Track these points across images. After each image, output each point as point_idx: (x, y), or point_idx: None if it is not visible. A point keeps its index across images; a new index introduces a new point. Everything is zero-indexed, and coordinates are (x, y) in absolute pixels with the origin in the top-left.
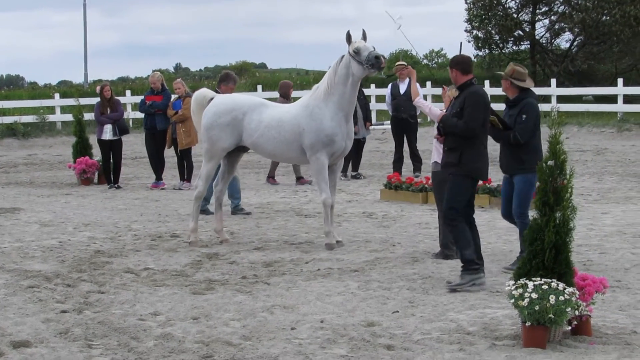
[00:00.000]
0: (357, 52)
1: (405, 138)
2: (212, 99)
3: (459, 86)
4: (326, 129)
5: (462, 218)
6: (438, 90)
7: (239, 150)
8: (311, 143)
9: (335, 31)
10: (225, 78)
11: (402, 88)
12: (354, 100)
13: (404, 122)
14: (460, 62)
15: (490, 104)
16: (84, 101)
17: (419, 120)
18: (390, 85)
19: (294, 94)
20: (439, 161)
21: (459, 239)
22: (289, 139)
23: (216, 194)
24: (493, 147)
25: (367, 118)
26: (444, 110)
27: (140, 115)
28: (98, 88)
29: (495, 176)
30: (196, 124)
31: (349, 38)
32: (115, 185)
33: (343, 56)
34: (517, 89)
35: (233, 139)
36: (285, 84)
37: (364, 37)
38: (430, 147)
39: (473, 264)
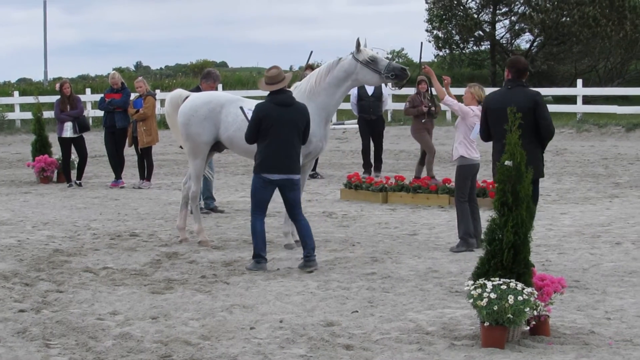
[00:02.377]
0: (373, 61)
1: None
2: (187, 97)
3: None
4: None
5: None
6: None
7: (212, 149)
8: None
9: (297, 30)
10: (207, 75)
11: (370, 89)
12: (340, 103)
13: (373, 123)
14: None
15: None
16: (44, 99)
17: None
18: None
19: (257, 92)
20: (466, 155)
21: None
22: None
23: (184, 191)
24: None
25: None
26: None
27: (100, 113)
28: (57, 85)
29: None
30: (172, 126)
31: (358, 45)
32: (78, 182)
33: (340, 59)
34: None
35: (212, 132)
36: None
37: (365, 46)
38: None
39: None
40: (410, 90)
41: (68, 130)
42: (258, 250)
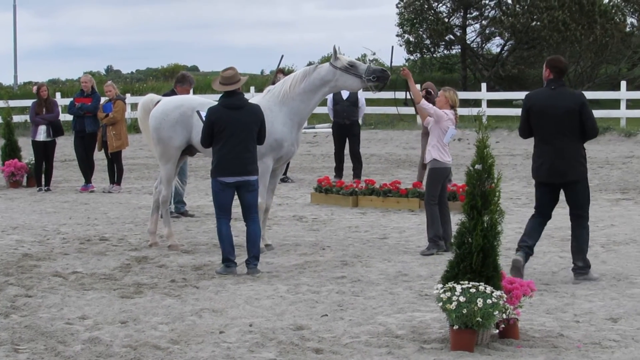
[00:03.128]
0: (353, 66)
1: (347, 143)
2: (158, 102)
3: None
4: (276, 132)
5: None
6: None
7: (184, 153)
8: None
9: (269, 34)
10: (182, 79)
11: (345, 94)
12: (314, 109)
13: (347, 127)
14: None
15: None
16: (14, 103)
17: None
18: None
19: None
20: (439, 159)
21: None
22: None
23: (155, 195)
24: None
25: None
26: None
27: (70, 117)
28: (35, 88)
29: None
30: (144, 131)
31: (335, 53)
32: (46, 188)
33: (317, 66)
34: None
35: (184, 136)
36: None
37: (341, 53)
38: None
39: None
40: (389, 94)
41: (42, 134)
42: (226, 254)
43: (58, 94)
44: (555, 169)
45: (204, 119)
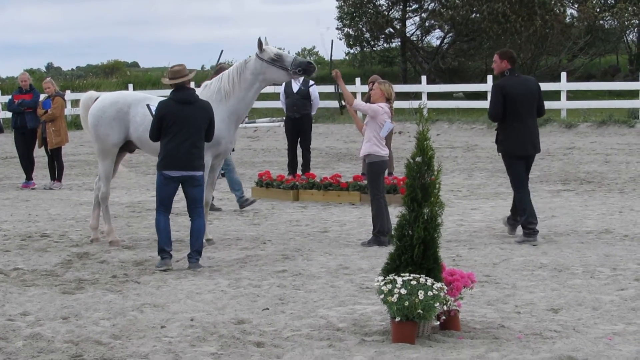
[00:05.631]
0: (279, 58)
1: (299, 138)
2: (97, 98)
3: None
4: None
5: None
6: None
7: (123, 149)
8: None
9: (210, 29)
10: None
11: (295, 87)
12: (251, 105)
13: (297, 121)
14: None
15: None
16: None
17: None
18: (283, 84)
19: (169, 91)
20: (376, 153)
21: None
22: None
23: (95, 191)
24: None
25: None
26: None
27: (9, 114)
28: None
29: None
30: (85, 128)
31: (260, 44)
32: None
33: (247, 61)
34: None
35: (121, 133)
36: None
37: (266, 43)
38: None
39: None
40: (330, 88)
41: None
42: (162, 245)
43: None
44: (532, 142)
45: (154, 112)
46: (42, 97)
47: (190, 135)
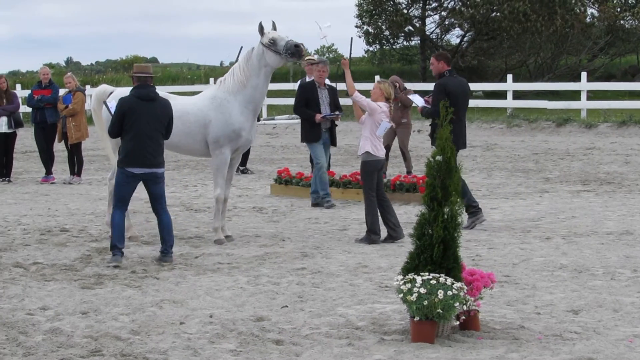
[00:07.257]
0: (273, 42)
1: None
2: (111, 93)
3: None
4: (234, 123)
5: None
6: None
7: None
8: (217, 136)
9: (229, 25)
10: None
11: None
12: (265, 93)
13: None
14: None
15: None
16: None
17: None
18: (299, 81)
19: (187, 88)
20: (372, 152)
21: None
22: (194, 131)
23: (109, 187)
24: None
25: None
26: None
27: (28, 109)
28: None
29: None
30: (96, 122)
31: (261, 29)
32: (7, 179)
33: (253, 48)
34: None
35: None
36: None
37: (274, 28)
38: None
39: None
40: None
41: (3, 126)
42: (115, 241)
43: (18, 86)
44: (463, 139)
45: (112, 110)
46: (62, 91)
47: (153, 133)
